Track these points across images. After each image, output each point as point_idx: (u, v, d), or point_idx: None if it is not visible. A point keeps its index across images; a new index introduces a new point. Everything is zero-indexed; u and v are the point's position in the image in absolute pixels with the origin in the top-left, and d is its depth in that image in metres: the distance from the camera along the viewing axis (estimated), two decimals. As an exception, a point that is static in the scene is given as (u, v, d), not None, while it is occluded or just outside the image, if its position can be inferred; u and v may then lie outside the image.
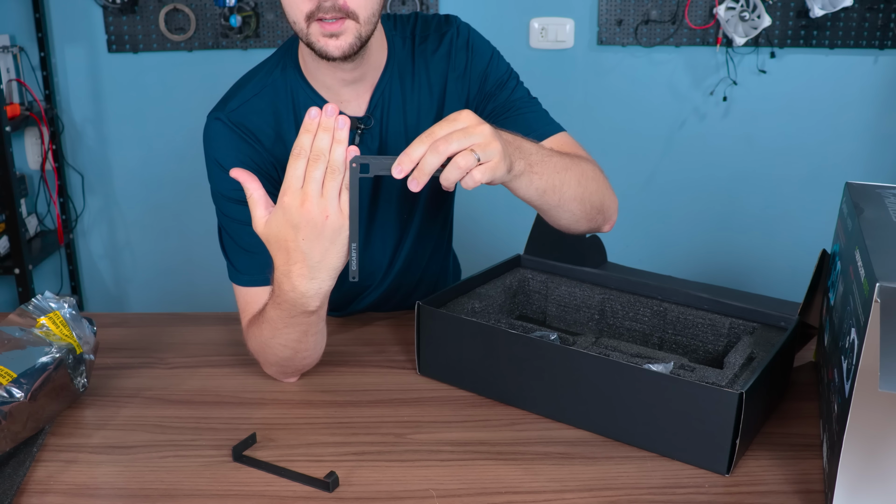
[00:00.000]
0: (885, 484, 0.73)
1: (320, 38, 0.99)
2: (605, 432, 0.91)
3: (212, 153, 1.08)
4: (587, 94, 2.50)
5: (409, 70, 1.14)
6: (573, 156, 1.07)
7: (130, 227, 2.64)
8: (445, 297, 1.08)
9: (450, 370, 1.03)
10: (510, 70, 1.20)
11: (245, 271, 1.07)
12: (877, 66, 2.41)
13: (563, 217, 1.05)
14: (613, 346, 0.99)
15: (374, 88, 1.12)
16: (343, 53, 1.00)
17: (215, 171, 1.08)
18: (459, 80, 1.15)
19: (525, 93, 1.20)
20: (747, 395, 0.80)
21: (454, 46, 1.15)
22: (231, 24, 2.35)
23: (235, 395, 1.02)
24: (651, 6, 2.37)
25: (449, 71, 1.15)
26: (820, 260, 1.04)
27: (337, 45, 0.99)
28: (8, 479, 0.81)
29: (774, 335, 1.01)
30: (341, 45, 0.99)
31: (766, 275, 2.55)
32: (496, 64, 1.18)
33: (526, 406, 0.96)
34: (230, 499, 0.80)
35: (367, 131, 1.12)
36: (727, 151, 2.52)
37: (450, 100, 1.15)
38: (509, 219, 1.18)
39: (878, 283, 0.69)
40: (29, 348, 0.91)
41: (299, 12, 0.98)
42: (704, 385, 0.83)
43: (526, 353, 0.94)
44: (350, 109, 1.11)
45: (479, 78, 1.16)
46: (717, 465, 0.84)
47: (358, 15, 0.98)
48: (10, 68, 2.36)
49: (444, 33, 1.16)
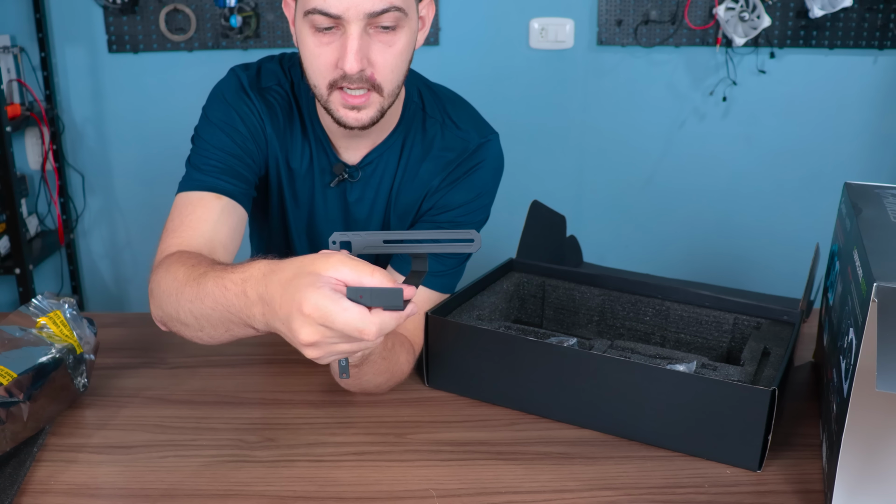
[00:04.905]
0: (883, 483, 0.73)
1: (340, 108, 0.96)
2: (631, 435, 0.91)
3: (222, 90, 1.07)
4: (587, 94, 2.50)
5: (416, 142, 1.10)
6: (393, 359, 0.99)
7: (131, 227, 2.65)
8: (445, 308, 1.05)
9: (463, 382, 1.00)
10: (482, 223, 1.14)
11: (199, 170, 1.02)
12: (876, 66, 2.41)
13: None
14: (630, 349, 0.98)
15: (374, 148, 1.09)
16: (362, 126, 0.97)
17: (216, 104, 1.06)
18: (439, 189, 1.11)
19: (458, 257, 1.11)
20: (777, 390, 0.81)
21: (462, 161, 1.10)
22: (231, 25, 2.35)
23: (235, 395, 1.02)
24: (651, 6, 2.37)
25: (442, 174, 1.11)
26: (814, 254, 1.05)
27: (357, 117, 0.96)
28: (8, 479, 0.82)
29: (781, 329, 1.02)
30: (361, 119, 0.96)
31: (765, 275, 2.55)
32: (472, 211, 1.11)
33: (549, 414, 0.95)
34: (230, 499, 0.81)
35: (350, 182, 1.11)
36: (727, 151, 2.53)
37: (430, 195, 1.11)
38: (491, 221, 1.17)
39: (876, 284, 0.69)
40: (29, 348, 0.91)
41: (322, 79, 0.95)
42: (736, 384, 0.83)
43: (546, 360, 0.93)
44: (345, 156, 1.10)
45: (444, 205, 1.10)
46: (748, 462, 0.85)
47: (383, 88, 0.95)
48: (10, 68, 2.36)
49: (467, 141, 1.10)
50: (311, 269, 0.70)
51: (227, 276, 0.79)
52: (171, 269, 0.89)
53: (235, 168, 1.03)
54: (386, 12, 0.90)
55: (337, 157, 1.10)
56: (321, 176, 1.11)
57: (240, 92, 1.06)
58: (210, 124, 1.05)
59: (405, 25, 0.93)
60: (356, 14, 0.89)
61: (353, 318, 0.68)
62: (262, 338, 1.18)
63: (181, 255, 0.91)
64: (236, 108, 1.05)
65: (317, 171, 1.11)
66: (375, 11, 0.89)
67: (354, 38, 0.90)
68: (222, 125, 1.04)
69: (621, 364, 0.88)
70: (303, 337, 0.70)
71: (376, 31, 0.92)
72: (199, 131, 1.06)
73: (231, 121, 1.05)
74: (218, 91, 1.07)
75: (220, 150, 1.03)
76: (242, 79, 1.07)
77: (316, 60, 0.94)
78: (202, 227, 0.98)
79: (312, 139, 1.09)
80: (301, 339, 0.70)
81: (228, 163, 1.03)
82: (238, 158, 1.04)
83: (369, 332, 0.68)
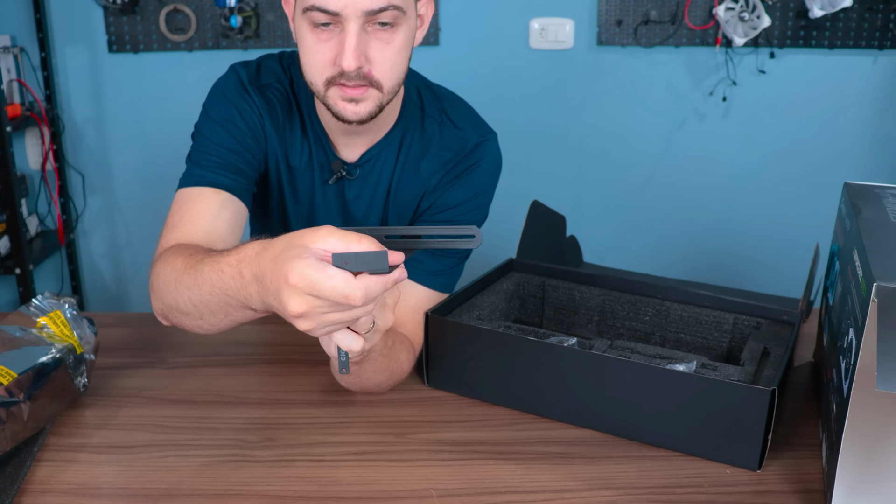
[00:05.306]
0: (883, 483, 0.73)
1: (339, 102, 0.96)
2: (631, 435, 0.91)
3: (222, 87, 1.07)
4: (587, 94, 2.50)
5: (414, 141, 1.11)
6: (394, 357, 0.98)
7: (131, 227, 2.65)
8: (445, 308, 1.05)
9: (463, 382, 1.00)
10: (480, 222, 1.14)
11: (199, 166, 1.03)
12: (876, 66, 2.41)
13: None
14: (630, 349, 0.98)
15: (373, 146, 1.10)
16: (360, 119, 0.97)
17: (215, 100, 1.06)
18: (437, 189, 1.11)
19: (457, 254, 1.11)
20: (777, 390, 0.81)
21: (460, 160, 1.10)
22: (231, 25, 2.35)
23: (236, 394, 1.02)
24: (651, 6, 2.37)
25: (440, 172, 1.11)
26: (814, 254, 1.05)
27: (355, 110, 0.96)
28: (9, 479, 0.82)
29: (781, 329, 1.02)
30: (359, 112, 0.96)
31: (765, 275, 2.55)
32: (471, 210, 1.11)
33: (549, 414, 0.95)
34: (230, 498, 0.81)
35: (349, 180, 1.11)
36: (727, 152, 2.53)
37: (428, 194, 1.12)
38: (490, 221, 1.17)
39: (876, 284, 0.69)
40: (29, 348, 0.91)
41: (320, 76, 0.95)
42: (736, 384, 0.83)
43: (546, 360, 0.93)
44: (343, 153, 1.11)
45: (442, 204, 1.11)
46: (748, 462, 0.85)
47: (382, 85, 0.95)
48: (10, 69, 2.36)
49: (465, 140, 1.10)
50: (299, 242, 0.71)
51: (223, 260, 0.80)
52: (169, 260, 0.90)
53: (235, 164, 1.03)
54: (384, 10, 0.90)
55: (335, 154, 1.10)
56: (320, 173, 1.12)
57: (239, 89, 1.07)
58: (210, 121, 1.06)
59: (403, 23, 0.94)
60: (354, 11, 0.89)
61: (338, 283, 0.69)
62: (263, 337, 1.18)
63: (179, 247, 0.92)
64: (236, 105, 1.05)
65: (315, 168, 1.11)
66: (374, 9, 0.90)
67: (352, 35, 0.90)
68: (222, 121, 1.05)
69: (621, 364, 0.88)
70: (292, 308, 0.70)
71: (374, 28, 0.92)
72: (199, 128, 1.07)
73: (231, 117, 1.05)
74: (218, 88, 1.08)
75: (219, 146, 1.03)
76: (242, 76, 1.07)
77: (314, 57, 0.95)
78: (201, 222, 0.99)
79: (311, 136, 1.09)
80: (290, 311, 0.71)
81: (228, 158, 1.03)
82: (238, 154, 1.04)
83: (355, 297, 0.69)
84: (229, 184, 1.02)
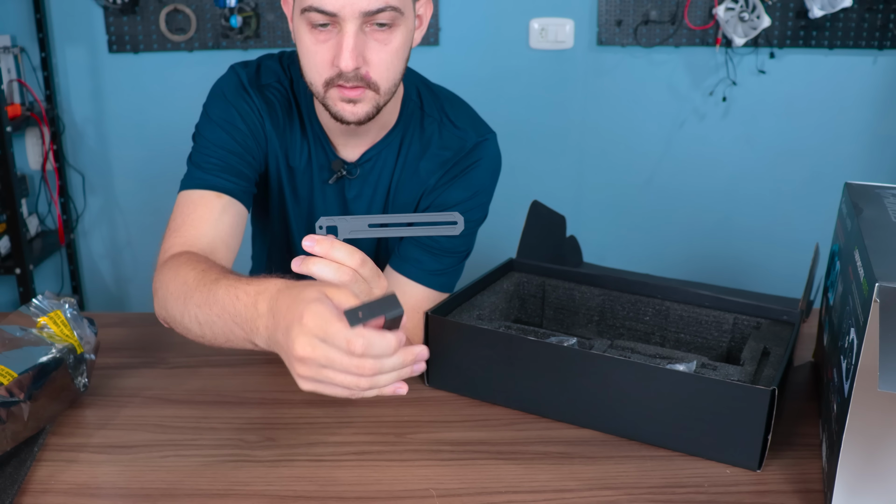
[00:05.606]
0: (884, 483, 0.73)
1: (337, 102, 0.97)
2: (631, 435, 0.91)
3: (222, 87, 1.08)
4: (587, 94, 2.50)
5: (414, 140, 1.11)
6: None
7: (131, 227, 2.65)
8: (445, 308, 1.05)
9: (463, 381, 1.00)
10: (479, 221, 1.15)
11: (200, 169, 1.03)
12: (876, 66, 2.41)
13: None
14: (630, 349, 0.98)
15: (373, 146, 1.10)
16: (358, 120, 0.98)
17: (216, 101, 1.07)
18: (436, 188, 1.12)
19: (459, 244, 1.13)
20: (777, 390, 0.81)
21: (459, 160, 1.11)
22: (231, 25, 2.35)
23: (236, 394, 1.02)
24: (651, 7, 2.37)
25: (439, 172, 1.12)
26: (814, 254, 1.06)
27: (353, 111, 0.97)
28: (9, 479, 0.82)
29: (781, 329, 1.02)
30: (357, 113, 0.97)
31: (765, 275, 2.55)
32: (470, 209, 1.12)
33: (549, 414, 0.95)
34: (230, 498, 0.81)
35: (349, 179, 1.12)
36: (727, 152, 2.53)
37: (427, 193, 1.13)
38: (490, 221, 1.17)
39: (878, 283, 0.69)
40: (30, 348, 0.91)
41: (319, 76, 0.96)
42: (736, 383, 0.83)
43: (546, 360, 0.93)
44: (344, 153, 1.11)
45: (442, 203, 1.12)
46: (748, 462, 0.85)
47: (379, 86, 0.96)
48: (10, 69, 2.36)
49: (464, 140, 1.11)
50: (324, 291, 0.71)
51: (241, 287, 0.80)
52: (179, 271, 0.89)
53: (236, 166, 1.04)
54: (382, 11, 0.90)
55: (335, 154, 1.11)
56: (320, 173, 1.12)
57: (239, 89, 1.07)
58: (210, 122, 1.06)
59: (401, 24, 0.94)
60: (352, 12, 0.90)
61: (346, 329, 0.68)
62: (263, 338, 1.18)
63: (189, 258, 0.92)
64: (236, 106, 1.05)
65: (315, 168, 1.11)
66: (371, 10, 0.90)
67: (350, 35, 0.91)
68: (222, 123, 1.05)
69: (621, 364, 0.88)
70: (298, 348, 0.69)
71: (372, 29, 0.92)
72: (200, 129, 1.07)
73: (231, 118, 1.05)
74: (218, 88, 1.08)
75: (220, 147, 1.04)
76: (242, 76, 1.08)
77: (312, 58, 0.95)
78: (204, 227, 1.00)
79: (311, 136, 1.10)
80: (296, 351, 0.70)
81: (229, 161, 1.03)
82: (238, 156, 1.04)
83: (356, 344, 0.68)
84: (230, 187, 1.02)
